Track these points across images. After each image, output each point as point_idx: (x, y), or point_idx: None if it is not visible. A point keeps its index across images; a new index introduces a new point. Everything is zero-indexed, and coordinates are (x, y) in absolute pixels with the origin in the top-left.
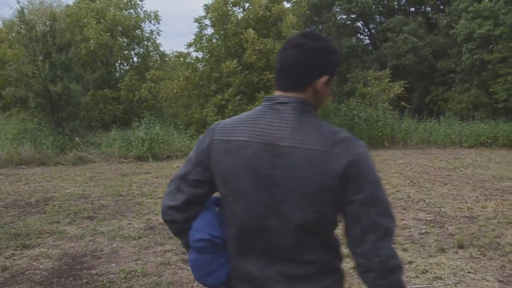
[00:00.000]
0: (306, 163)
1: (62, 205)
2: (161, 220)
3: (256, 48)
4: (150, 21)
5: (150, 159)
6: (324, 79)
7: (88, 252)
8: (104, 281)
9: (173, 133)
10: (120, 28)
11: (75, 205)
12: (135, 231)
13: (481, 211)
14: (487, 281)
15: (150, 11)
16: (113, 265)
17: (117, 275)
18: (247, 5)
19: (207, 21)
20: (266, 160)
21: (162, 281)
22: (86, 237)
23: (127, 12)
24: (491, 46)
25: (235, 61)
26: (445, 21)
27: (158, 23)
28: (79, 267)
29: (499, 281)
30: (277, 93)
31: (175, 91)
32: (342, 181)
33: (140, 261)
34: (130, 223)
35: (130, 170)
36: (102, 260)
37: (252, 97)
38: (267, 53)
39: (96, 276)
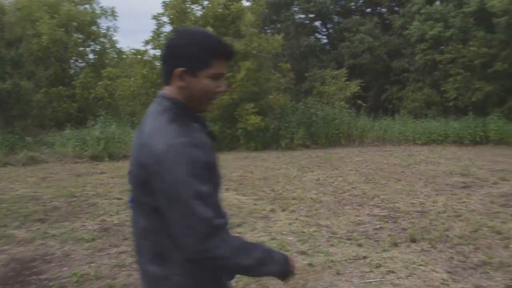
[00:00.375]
0: (134, 157)
1: (10, 208)
2: (116, 221)
3: None
4: (106, 17)
5: (106, 159)
6: (177, 72)
7: (38, 257)
8: (55, 286)
9: (130, 132)
10: (75, 24)
11: (25, 208)
12: (88, 233)
13: (432, 206)
14: (436, 272)
15: (107, 6)
16: (65, 269)
17: (69, 279)
18: (205, 2)
19: (165, 18)
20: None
21: (116, 283)
22: (36, 240)
23: (82, 7)
24: (442, 47)
25: None
26: (399, 22)
27: (115, 19)
28: (27, 272)
29: (448, 272)
30: None
31: (132, 89)
32: (150, 175)
33: (93, 264)
34: (84, 225)
35: (85, 170)
36: (53, 264)
37: None
38: None
39: (46, 281)
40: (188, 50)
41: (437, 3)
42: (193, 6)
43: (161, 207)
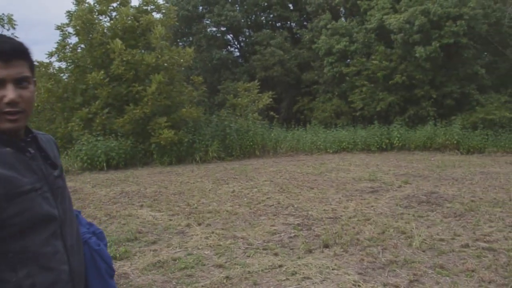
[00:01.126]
0: None
1: None
2: None
3: (124, 59)
4: (3, 25)
5: None
6: None
7: None
8: None
9: None
10: None
11: None
12: None
13: (343, 211)
14: (348, 275)
15: (3, 14)
16: None
17: None
18: (114, 14)
19: (70, 29)
20: None
21: None
22: None
23: None
24: (348, 60)
25: (102, 72)
26: (308, 36)
27: (13, 28)
28: None
29: (359, 273)
30: None
31: (36, 104)
32: None
33: None
34: None
35: None
36: None
37: (121, 109)
38: (135, 64)
39: None
40: None
41: (342, 19)
42: (100, 17)
43: None
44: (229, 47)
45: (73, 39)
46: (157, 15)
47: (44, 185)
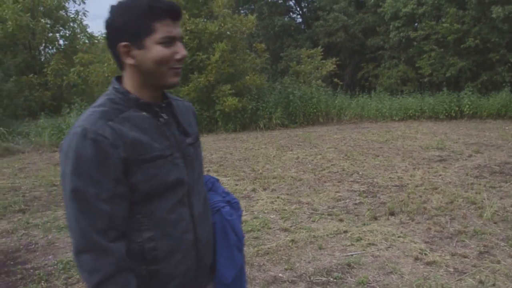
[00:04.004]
0: None
1: None
2: None
3: (188, 28)
4: (74, 1)
5: None
6: (120, 48)
7: (21, 247)
8: (41, 274)
9: None
10: (41, 9)
11: (4, 199)
12: None
13: (410, 180)
14: (415, 243)
15: None
16: (50, 257)
17: (55, 267)
18: None
19: None
20: None
21: None
22: (19, 231)
23: None
24: (416, 24)
25: None
26: (373, 0)
27: (84, 2)
28: (12, 262)
29: (425, 242)
30: None
31: (106, 75)
32: None
33: None
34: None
35: None
36: (37, 254)
37: (186, 78)
38: (199, 33)
39: (32, 270)
40: (121, 20)
41: None
42: None
43: None
44: (291, 13)
45: None
46: None
47: (175, 152)
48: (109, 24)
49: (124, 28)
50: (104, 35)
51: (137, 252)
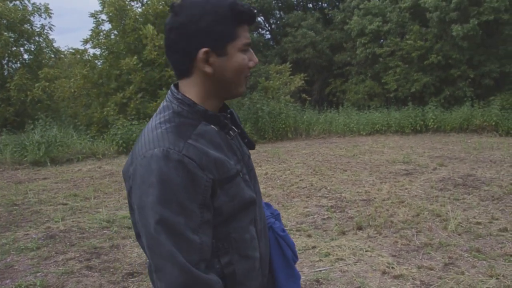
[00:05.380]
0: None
1: None
2: (62, 227)
3: (156, 44)
4: (40, 15)
5: (48, 164)
6: (201, 54)
7: None
8: None
9: (73, 134)
10: (5, 22)
11: None
12: (32, 241)
13: (377, 194)
14: (382, 257)
15: (40, 3)
16: (8, 281)
17: None
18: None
19: (103, 16)
20: None
21: None
22: None
23: (12, 4)
24: (381, 40)
25: (135, 57)
26: (339, 17)
27: (50, 16)
28: None
29: (392, 255)
30: None
31: (72, 90)
32: (128, 193)
33: (39, 273)
34: (27, 234)
35: (26, 176)
36: None
37: (155, 94)
38: None
39: None
40: (206, 22)
41: None
42: (132, 3)
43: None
44: (260, 29)
45: (107, 26)
46: None
47: (243, 167)
48: (184, 26)
49: (208, 31)
50: (167, 39)
51: None
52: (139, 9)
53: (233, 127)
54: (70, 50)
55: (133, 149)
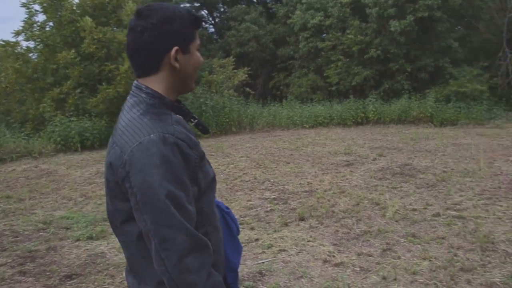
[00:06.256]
0: (106, 159)
1: None
2: None
3: (95, 37)
4: None
5: None
6: (173, 52)
7: None
8: None
9: (5, 132)
10: None
11: None
12: None
13: (319, 185)
14: (324, 246)
15: None
16: None
17: None
18: None
19: (37, 6)
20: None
21: None
22: None
23: None
24: (323, 35)
25: (73, 51)
26: (282, 11)
27: None
28: None
29: (333, 244)
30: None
31: (4, 86)
32: (122, 181)
33: None
34: None
35: None
36: None
37: (94, 89)
38: (107, 42)
39: None
40: (178, 25)
41: None
42: None
43: (135, 216)
44: (203, 23)
45: (41, 17)
46: None
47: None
48: (157, 28)
49: (179, 32)
50: (137, 40)
51: None
52: (76, 0)
53: (194, 115)
54: (1, 43)
55: (118, 140)
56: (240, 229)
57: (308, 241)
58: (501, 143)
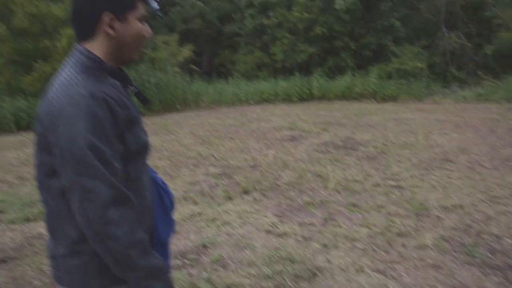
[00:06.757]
0: (39, 110)
1: None
2: None
3: (28, 11)
4: None
5: None
6: (106, 19)
7: None
8: None
9: None
10: None
11: None
12: None
13: (263, 159)
14: (267, 218)
15: None
16: None
17: None
18: None
19: None
20: None
21: None
22: None
23: None
24: (269, 12)
25: (4, 27)
26: None
27: None
28: None
29: (277, 216)
30: None
31: None
32: (47, 131)
33: None
34: None
35: None
36: None
37: (29, 66)
38: (42, 17)
39: None
40: None
41: None
42: None
43: (58, 170)
44: None
45: None
46: None
47: (139, 116)
48: None
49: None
50: (73, 4)
51: None
52: None
53: (133, 83)
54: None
55: (50, 94)
56: (183, 204)
57: (251, 214)
58: (438, 118)
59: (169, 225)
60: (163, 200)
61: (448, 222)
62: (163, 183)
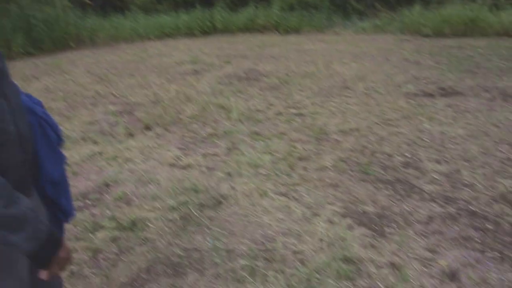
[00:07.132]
0: None
1: None
2: None
3: None
4: None
5: None
6: None
7: None
8: None
9: None
10: None
11: None
12: None
13: (165, 94)
14: (170, 151)
15: None
16: None
17: None
18: None
19: None
20: None
21: None
22: None
23: None
24: None
25: None
26: None
27: None
28: None
29: (180, 148)
30: None
31: None
32: None
33: None
34: None
35: None
36: None
37: None
38: None
39: None
40: None
41: None
42: None
43: None
44: None
45: None
46: None
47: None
48: None
49: None
50: None
51: None
52: None
53: None
54: None
55: None
56: (82, 145)
57: (154, 149)
58: (338, 48)
59: (59, 160)
60: (47, 133)
61: (346, 144)
62: (46, 114)
